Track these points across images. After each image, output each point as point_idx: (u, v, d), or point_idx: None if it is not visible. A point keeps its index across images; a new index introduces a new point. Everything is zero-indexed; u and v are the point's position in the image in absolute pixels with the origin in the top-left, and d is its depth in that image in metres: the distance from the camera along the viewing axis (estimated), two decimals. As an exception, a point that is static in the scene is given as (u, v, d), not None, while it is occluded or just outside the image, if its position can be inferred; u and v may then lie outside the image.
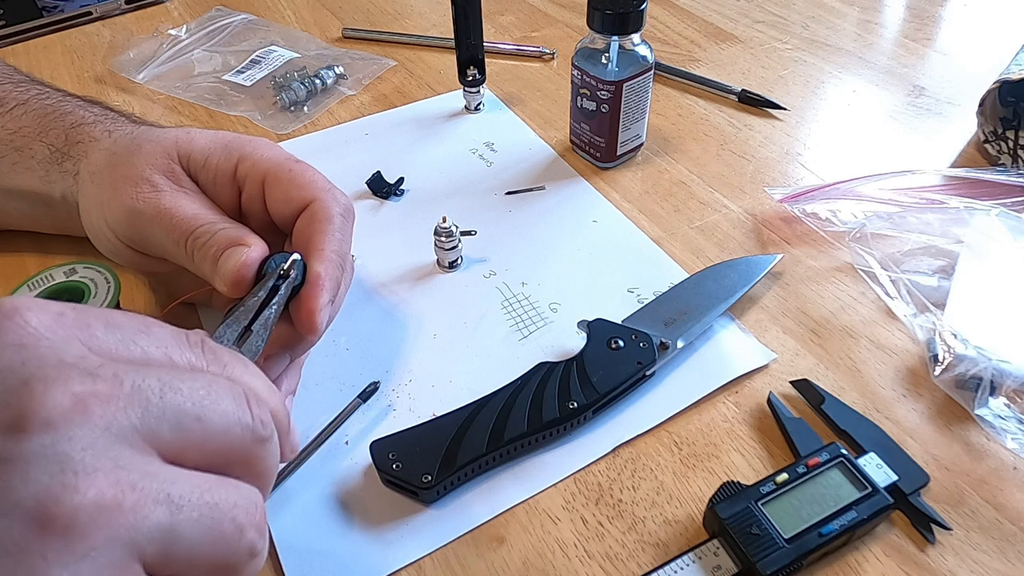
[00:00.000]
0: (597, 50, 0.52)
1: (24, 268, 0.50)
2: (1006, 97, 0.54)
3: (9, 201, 0.47)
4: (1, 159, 0.45)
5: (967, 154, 0.56)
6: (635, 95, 0.52)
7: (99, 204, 0.40)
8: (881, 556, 0.34)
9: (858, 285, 0.46)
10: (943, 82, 0.64)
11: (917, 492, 0.35)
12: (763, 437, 0.39)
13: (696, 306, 0.43)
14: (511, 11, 0.77)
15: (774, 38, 0.71)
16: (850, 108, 0.62)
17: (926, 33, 0.70)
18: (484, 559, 0.34)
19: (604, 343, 0.40)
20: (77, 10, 0.80)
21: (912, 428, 0.38)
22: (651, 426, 0.39)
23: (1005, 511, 0.35)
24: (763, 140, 0.59)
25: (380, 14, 0.78)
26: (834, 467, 0.34)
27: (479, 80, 0.61)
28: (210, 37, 0.73)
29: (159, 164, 0.39)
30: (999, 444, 0.37)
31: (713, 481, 0.37)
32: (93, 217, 0.41)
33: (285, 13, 0.79)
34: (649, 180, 0.55)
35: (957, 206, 0.47)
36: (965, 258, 0.44)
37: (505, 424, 0.37)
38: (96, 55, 0.72)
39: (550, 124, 0.61)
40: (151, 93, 0.66)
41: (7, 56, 0.72)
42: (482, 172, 0.56)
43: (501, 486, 0.37)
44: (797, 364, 0.42)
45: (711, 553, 0.33)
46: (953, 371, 0.39)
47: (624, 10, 0.49)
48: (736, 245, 0.50)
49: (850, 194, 0.50)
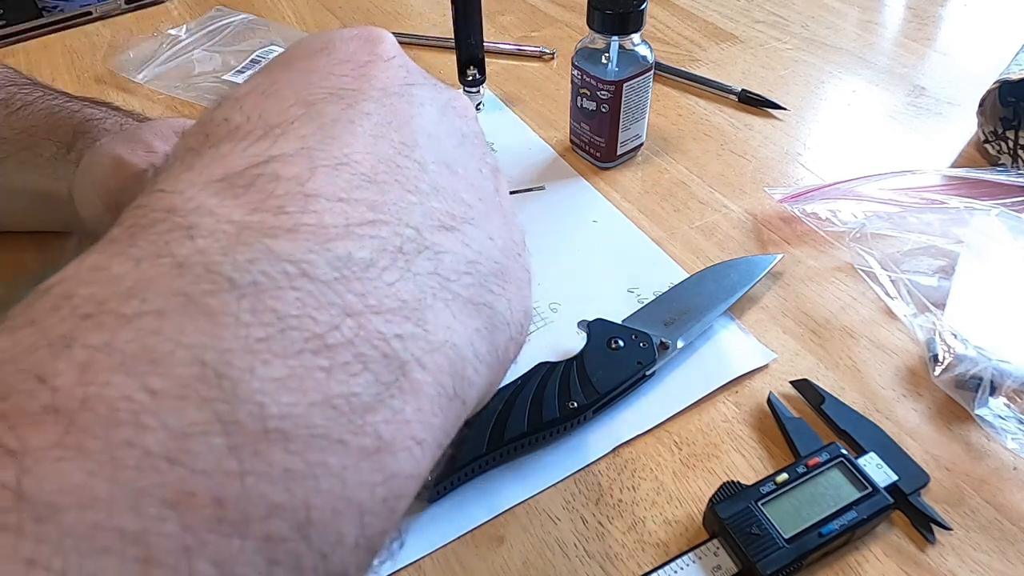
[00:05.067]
0: (597, 50, 0.52)
1: (24, 268, 0.50)
2: (1006, 97, 0.54)
3: (18, 200, 0.47)
4: (9, 158, 0.45)
5: (967, 154, 0.56)
6: (635, 95, 0.52)
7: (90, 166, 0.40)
8: (881, 556, 0.34)
9: (858, 285, 0.46)
10: (943, 82, 0.64)
11: (917, 492, 0.35)
12: (763, 437, 0.39)
13: (696, 306, 0.43)
14: (511, 11, 0.77)
15: (774, 38, 0.71)
16: (850, 108, 0.62)
17: (926, 33, 0.70)
18: (484, 559, 0.34)
19: (604, 343, 0.40)
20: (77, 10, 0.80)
21: (912, 428, 0.38)
22: (651, 426, 0.39)
23: (1005, 511, 0.35)
24: (763, 140, 0.59)
25: (380, 14, 0.78)
26: (834, 467, 0.34)
27: (479, 80, 0.61)
28: (210, 37, 0.73)
29: (162, 134, 0.39)
30: (999, 444, 0.37)
31: (713, 481, 0.37)
32: (85, 180, 0.41)
33: (285, 13, 0.79)
34: (649, 180, 0.55)
35: (957, 206, 0.47)
36: (965, 258, 0.44)
37: (505, 424, 0.37)
38: (96, 55, 0.72)
39: (550, 124, 0.61)
40: (151, 93, 0.66)
41: (7, 56, 0.72)
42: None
43: (501, 486, 0.37)
44: (797, 364, 0.42)
45: (711, 553, 0.33)
46: (953, 371, 0.39)
47: (624, 10, 0.49)
48: (736, 245, 0.50)
49: (850, 194, 0.50)
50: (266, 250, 0.16)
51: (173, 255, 0.15)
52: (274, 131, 0.18)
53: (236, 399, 0.14)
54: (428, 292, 0.18)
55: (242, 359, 0.14)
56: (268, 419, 0.14)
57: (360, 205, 0.18)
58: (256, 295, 0.15)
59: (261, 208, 0.17)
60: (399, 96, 0.21)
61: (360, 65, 0.21)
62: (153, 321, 0.14)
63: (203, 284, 0.15)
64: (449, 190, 0.20)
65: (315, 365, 0.15)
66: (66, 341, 0.14)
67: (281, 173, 0.17)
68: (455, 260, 0.19)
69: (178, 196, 0.17)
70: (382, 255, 0.18)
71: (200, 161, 0.18)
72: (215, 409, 0.14)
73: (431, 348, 0.18)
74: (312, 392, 0.15)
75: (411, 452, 0.17)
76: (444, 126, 0.22)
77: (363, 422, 0.16)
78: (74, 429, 0.13)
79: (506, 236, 0.22)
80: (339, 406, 0.15)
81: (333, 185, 0.18)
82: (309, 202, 0.17)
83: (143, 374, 0.14)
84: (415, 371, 0.17)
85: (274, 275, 0.16)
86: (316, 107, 0.19)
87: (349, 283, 0.17)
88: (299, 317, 0.15)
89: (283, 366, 0.15)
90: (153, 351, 0.14)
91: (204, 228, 0.16)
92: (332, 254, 0.17)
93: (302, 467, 0.14)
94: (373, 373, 0.16)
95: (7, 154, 0.45)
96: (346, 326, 0.16)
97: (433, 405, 0.17)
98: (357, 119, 0.20)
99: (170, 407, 0.13)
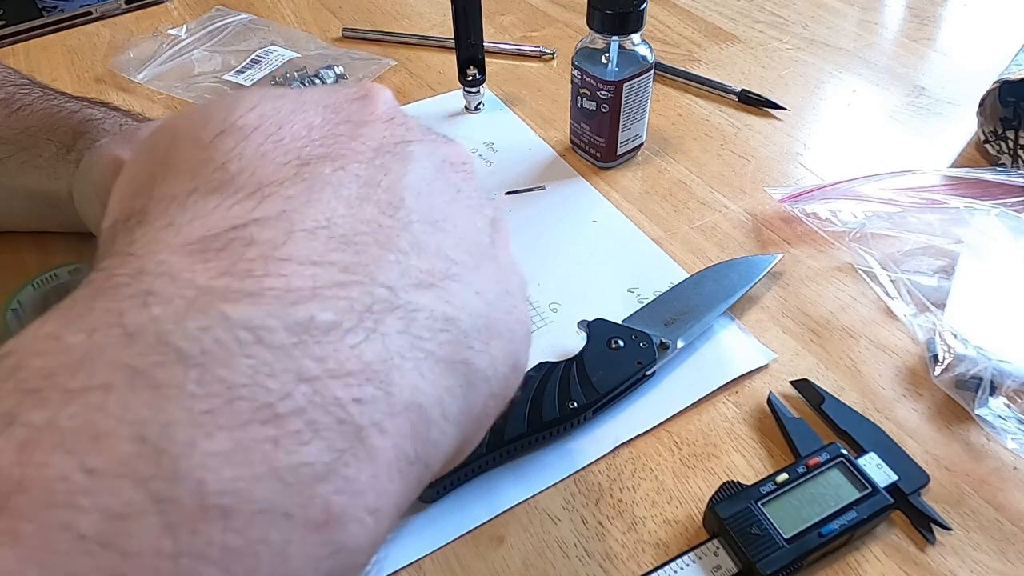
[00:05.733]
0: (597, 50, 0.52)
1: (24, 268, 0.50)
2: (1006, 97, 0.54)
3: (18, 200, 0.47)
4: (9, 158, 0.45)
5: (967, 154, 0.56)
6: (635, 95, 0.52)
7: (89, 167, 0.40)
8: (881, 556, 0.34)
9: (858, 285, 0.46)
10: (943, 82, 0.64)
11: (917, 492, 0.35)
12: (763, 437, 0.39)
13: (696, 306, 0.43)
14: (511, 11, 0.77)
15: (774, 38, 0.71)
16: (850, 108, 0.62)
17: (926, 33, 0.70)
18: (484, 559, 0.34)
19: (604, 343, 0.40)
20: (77, 10, 0.80)
21: (912, 428, 0.38)
22: (651, 426, 0.39)
23: (1005, 511, 0.35)
24: (763, 140, 0.59)
25: (380, 14, 0.78)
26: (834, 467, 0.34)
27: (479, 80, 0.61)
28: (210, 37, 0.73)
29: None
30: (999, 444, 0.37)
31: (713, 481, 0.37)
32: (84, 181, 0.41)
33: (285, 13, 0.79)
34: (649, 180, 0.55)
35: (957, 206, 0.47)
36: (965, 258, 0.44)
37: (505, 424, 0.37)
38: (96, 55, 0.72)
39: (550, 124, 0.61)
40: (151, 93, 0.66)
41: (7, 56, 0.72)
42: (482, 172, 0.56)
43: (501, 486, 0.37)
44: (797, 364, 0.42)
45: (711, 553, 0.33)
46: (953, 371, 0.39)
47: (624, 10, 0.49)
48: (736, 245, 0.50)
49: (850, 194, 0.50)
50: (222, 316, 0.16)
51: (124, 325, 0.15)
52: (263, 190, 0.19)
53: (175, 476, 0.14)
54: (396, 353, 0.18)
55: (185, 433, 0.14)
56: (207, 495, 0.14)
57: (332, 267, 0.18)
58: (205, 365, 0.15)
59: (229, 272, 0.17)
60: (393, 155, 0.22)
61: (359, 125, 0.22)
62: (98, 396, 0.14)
63: (152, 355, 0.15)
64: (432, 247, 0.21)
65: (263, 436, 0.15)
66: (8, 419, 0.14)
67: (257, 237, 0.18)
68: (431, 318, 0.19)
69: (148, 259, 0.17)
70: (348, 316, 0.17)
71: (183, 217, 0.18)
72: (152, 488, 0.14)
73: (393, 411, 0.17)
74: (257, 464, 0.15)
75: (363, 523, 0.16)
76: (438, 182, 0.23)
77: (312, 493, 0.15)
78: (7, 513, 0.13)
79: (498, 289, 0.22)
80: (286, 477, 0.15)
81: (308, 248, 0.18)
82: (279, 266, 0.17)
83: (83, 453, 0.14)
84: (373, 436, 0.17)
85: (227, 342, 0.16)
86: (309, 166, 0.20)
87: (308, 347, 0.16)
88: (249, 386, 0.15)
89: (228, 438, 0.15)
90: (95, 428, 0.14)
91: (163, 295, 0.16)
92: (293, 318, 0.17)
93: (241, 544, 0.14)
94: (326, 440, 0.16)
95: (7, 154, 0.45)
96: (300, 393, 0.16)
97: (391, 471, 0.17)
98: (345, 182, 0.20)
99: (107, 487, 0.13)
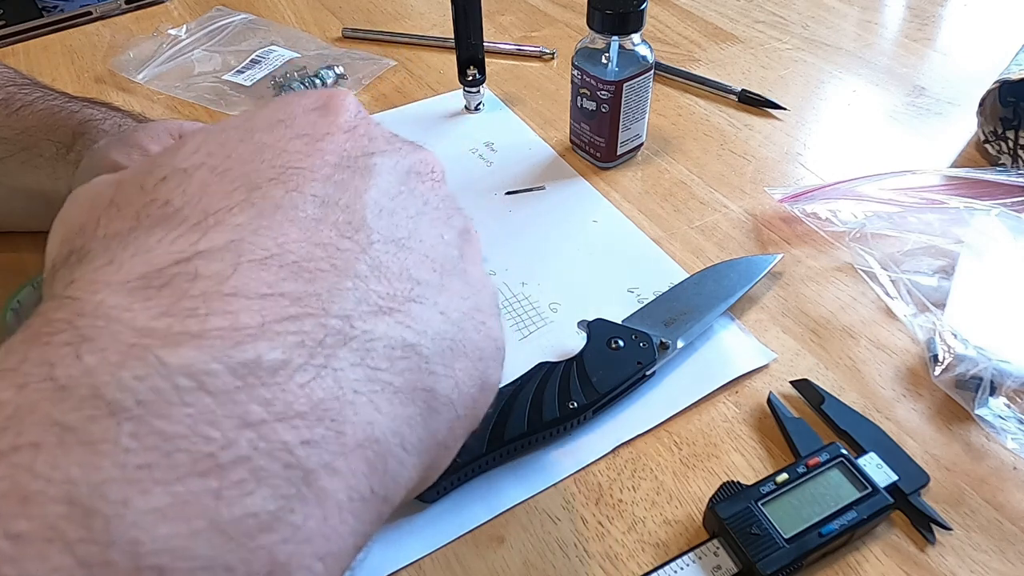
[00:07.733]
0: (597, 50, 0.52)
1: (24, 268, 0.50)
2: (1006, 97, 0.54)
3: (17, 200, 0.47)
4: (10, 158, 0.45)
5: (967, 154, 0.56)
6: (635, 95, 0.52)
7: (88, 169, 0.40)
8: (881, 556, 0.34)
9: (858, 285, 0.46)
10: (943, 82, 0.64)
11: (917, 492, 0.35)
12: (763, 437, 0.39)
13: (696, 306, 0.43)
14: (511, 11, 0.77)
15: (774, 38, 0.71)
16: (850, 108, 0.62)
17: (926, 33, 0.70)
18: (484, 559, 0.34)
19: (604, 343, 0.40)
20: (77, 10, 0.80)
21: (912, 428, 0.38)
22: (651, 426, 0.39)
23: (1005, 511, 0.35)
24: (763, 140, 0.59)
25: (380, 14, 0.78)
26: (834, 467, 0.34)
27: (479, 80, 0.61)
28: (210, 37, 0.73)
29: (157, 136, 0.39)
30: (999, 444, 0.37)
31: (713, 481, 0.37)
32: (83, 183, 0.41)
33: (285, 13, 0.79)
34: (649, 180, 0.55)
35: (957, 206, 0.47)
36: (965, 258, 0.44)
37: (505, 424, 0.37)
38: (96, 55, 0.72)
39: (550, 124, 0.61)
40: (151, 93, 0.66)
41: (7, 56, 0.72)
42: (482, 172, 0.56)
43: (501, 486, 0.37)
44: (797, 364, 0.42)
45: (711, 553, 0.33)
46: (953, 371, 0.39)
47: (624, 10, 0.49)
48: (736, 245, 0.50)
49: (850, 194, 0.50)
50: (159, 363, 0.15)
51: (56, 378, 0.15)
52: (208, 220, 0.18)
53: (107, 538, 0.13)
54: (349, 388, 0.17)
55: (118, 490, 0.14)
56: (142, 556, 0.13)
57: (283, 299, 0.17)
58: (141, 417, 0.14)
59: (170, 312, 0.16)
60: (353, 170, 0.21)
61: (316, 139, 0.21)
62: (27, 456, 0.14)
63: (85, 410, 0.14)
64: (395, 268, 0.20)
65: (202, 488, 0.14)
66: None
67: (202, 271, 0.17)
68: (389, 346, 0.19)
69: (87, 301, 0.16)
70: (298, 352, 0.17)
71: (124, 253, 0.17)
72: (81, 552, 0.13)
73: (345, 450, 0.17)
74: (196, 519, 0.14)
75: (311, 570, 0.16)
76: (402, 196, 0.22)
77: (255, 544, 0.15)
78: None
79: (466, 306, 0.22)
80: (228, 531, 0.15)
81: (256, 280, 0.17)
82: (225, 302, 0.16)
83: (10, 517, 0.13)
84: (322, 478, 0.16)
85: (165, 391, 0.15)
86: (260, 190, 0.19)
87: (253, 390, 0.16)
88: (189, 437, 0.15)
89: (165, 493, 0.14)
90: (24, 490, 0.13)
91: (98, 342, 0.15)
92: (237, 360, 0.16)
93: None
94: (271, 487, 0.15)
95: (7, 154, 0.45)
96: (244, 439, 0.15)
97: (343, 512, 0.17)
98: (300, 203, 0.19)
99: (33, 553, 0.13)
